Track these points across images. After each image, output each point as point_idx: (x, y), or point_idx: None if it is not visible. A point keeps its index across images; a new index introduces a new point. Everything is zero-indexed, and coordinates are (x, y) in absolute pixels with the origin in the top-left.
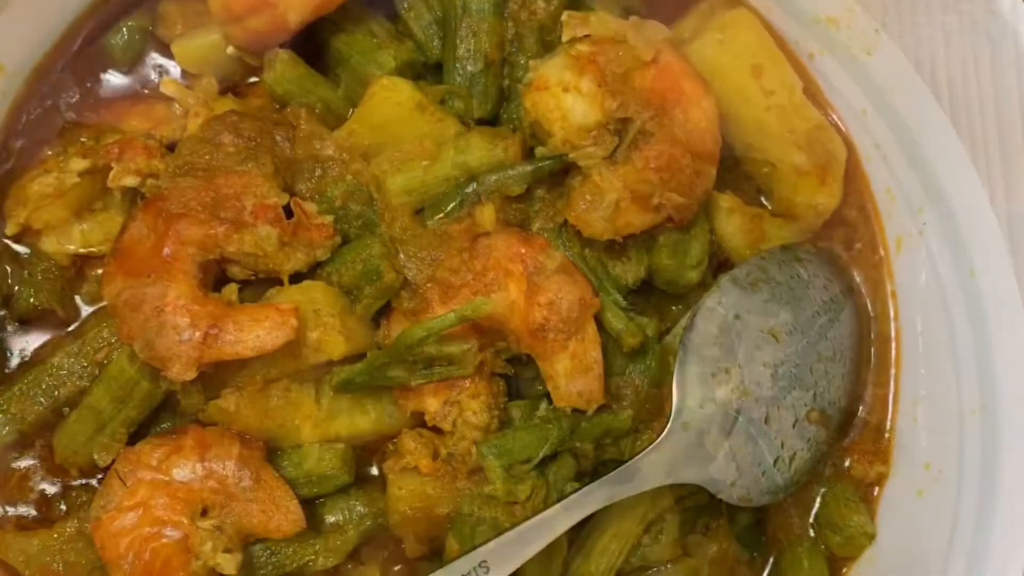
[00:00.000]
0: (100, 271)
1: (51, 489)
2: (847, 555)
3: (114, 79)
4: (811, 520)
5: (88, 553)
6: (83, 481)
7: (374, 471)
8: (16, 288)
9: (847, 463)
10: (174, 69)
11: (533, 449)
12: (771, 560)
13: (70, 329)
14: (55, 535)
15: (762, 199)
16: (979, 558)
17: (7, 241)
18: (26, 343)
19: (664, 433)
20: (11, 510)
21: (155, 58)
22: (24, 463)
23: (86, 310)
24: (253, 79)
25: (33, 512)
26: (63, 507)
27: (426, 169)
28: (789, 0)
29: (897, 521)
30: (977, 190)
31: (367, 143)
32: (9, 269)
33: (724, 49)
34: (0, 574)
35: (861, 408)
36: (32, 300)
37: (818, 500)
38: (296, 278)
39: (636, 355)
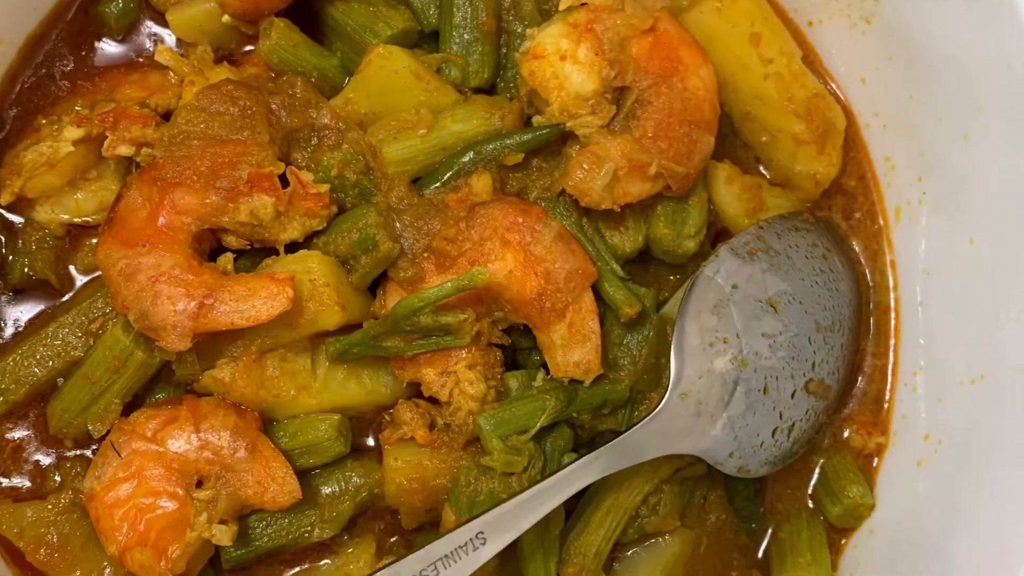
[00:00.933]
0: (94, 241)
1: (45, 460)
2: (846, 526)
3: (109, 48)
4: (809, 491)
5: (82, 524)
6: (77, 452)
7: (370, 442)
8: (10, 258)
9: (846, 434)
10: (169, 37)
11: (530, 420)
12: (769, 531)
13: (64, 299)
14: (49, 506)
15: (761, 168)
16: (980, 530)
17: (1, 211)
18: (20, 313)
19: (662, 404)
20: (5, 481)
21: (150, 26)
22: (18, 434)
23: (80, 280)
24: (249, 47)
25: (27, 483)
26: (57, 478)
27: (423, 138)
28: None
29: (897, 492)
30: (976, 159)
31: (363, 112)
32: (3, 239)
33: (722, 17)
34: None
35: (860, 378)
36: (26, 270)
37: (817, 471)
38: (292, 248)
39: (634, 325)
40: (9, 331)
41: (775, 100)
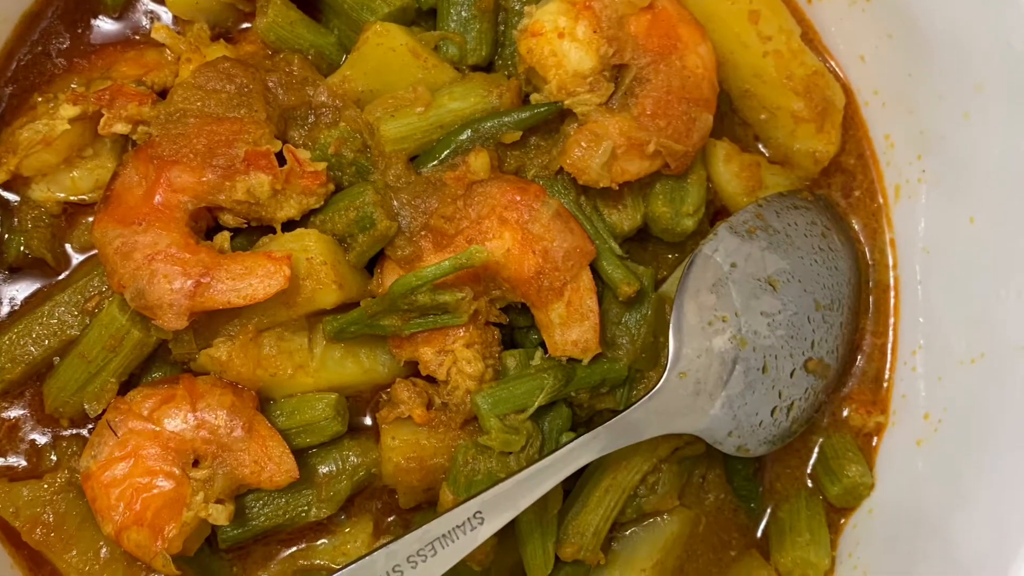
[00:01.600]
0: (91, 219)
1: (41, 439)
2: (845, 506)
3: (105, 25)
4: (808, 470)
5: (79, 504)
6: (73, 431)
7: (367, 421)
8: (5, 236)
9: (845, 413)
10: (165, 15)
11: (528, 398)
12: (768, 510)
13: (60, 277)
14: (45, 486)
15: (759, 146)
16: (980, 509)
17: None
18: (16, 292)
19: (660, 382)
20: (1, 461)
21: (146, 4)
22: (14, 413)
23: (76, 258)
24: (245, 25)
25: (23, 462)
26: (53, 457)
27: (420, 116)
28: None
29: (896, 472)
30: (976, 137)
31: (360, 90)
32: None
33: None
34: None
35: (859, 357)
36: (22, 248)
37: (816, 450)
38: (289, 226)
39: (632, 304)
40: (5, 310)
41: (774, 78)
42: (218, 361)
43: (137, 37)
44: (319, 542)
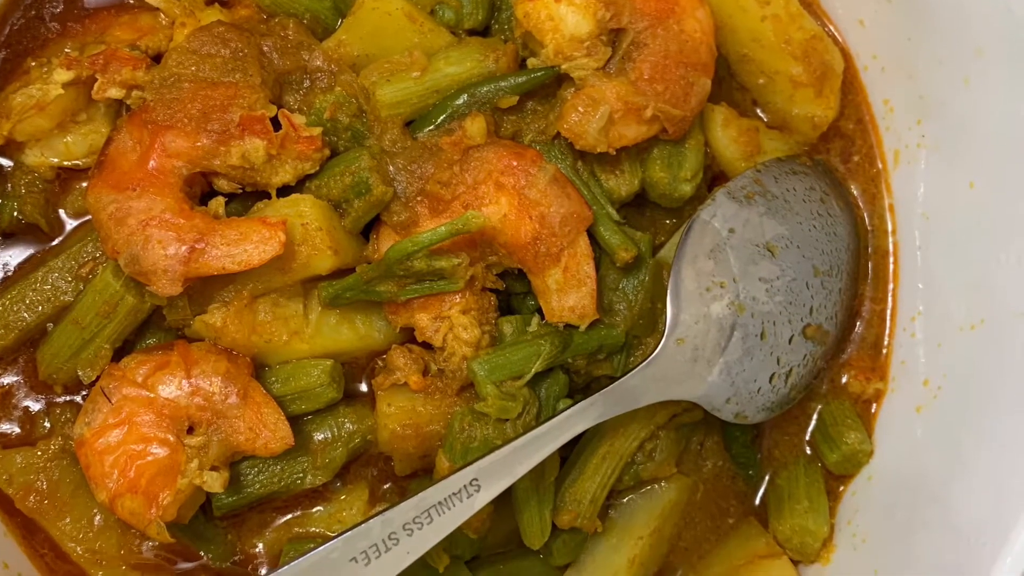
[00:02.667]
0: (84, 184)
1: (35, 406)
2: (844, 473)
3: None
4: (807, 437)
5: (72, 471)
6: (67, 398)
7: (363, 388)
8: None
9: (844, 379)
10: None
11: (525, 365)
12: (767, 478)
13: (54, 243)
14: (39, 453)
15: (758, 111)
16: (980, 476)
17: None
18: (9, 258)
19: (658, 349)
20: None
21: None
22: (7, 380)
23: (70, 224)
24: None
25: (16, 429)
26: (47, 424)
27: (416, 81)
28: None
29: (896, 439)
30: (976, 102)
31: (356, 54)
32: None
33: None
34: None
35: (858, 324)
36: (15, 214)
37: (814, 417)
38: (284, 191)
39: (629, 270)
40: None
41: (772, 42)
42: (213, 327)
43: (131, 1)
44: (314, 509)
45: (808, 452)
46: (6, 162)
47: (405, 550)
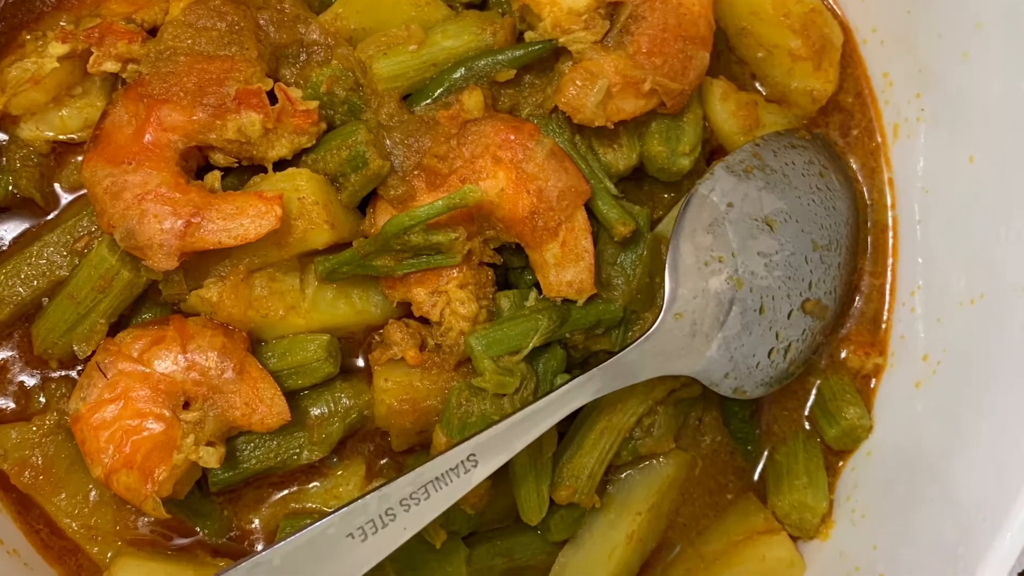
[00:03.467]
0: (80, 158)
1: (30, 381)
2: (843, 448)
3: None
4: (806, 413)
5: (67, 446)
6: (62, 373)
7: (360, 363)
8: None
9: (843, 354)
10: None
11: (522, 340)
12: (766, 453)
13: (49, 217)
14: (34, 428)
15: (756, 85)
16: (980, 451)
17: None
18: (4, 232)
19: (656, 324)
20: None
21: None
22: (2, 355)
23: (66, 198)
24: None
25: (11, 405)
26: (42, 399)
27: (413, 54)
28: None
29: (895, 414)
30: (976, 76)
31: (353, 27)
32: None
33: None
34: None
35: (857, 298)
36: (10, 188)
37: (813, 392)
38: (280, 165)
39: (627, 244)
40: None
41: (771, 15)
42: (209, 302)
43: None
44: (311, 485)
45: (807, 427)
46: (1, 136)
47: (402, 526)
